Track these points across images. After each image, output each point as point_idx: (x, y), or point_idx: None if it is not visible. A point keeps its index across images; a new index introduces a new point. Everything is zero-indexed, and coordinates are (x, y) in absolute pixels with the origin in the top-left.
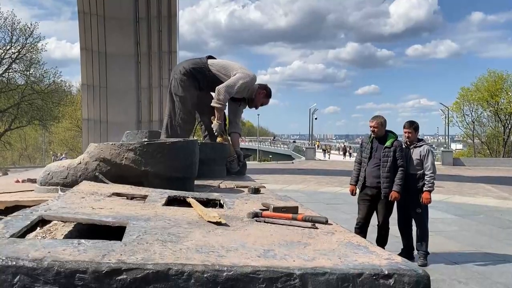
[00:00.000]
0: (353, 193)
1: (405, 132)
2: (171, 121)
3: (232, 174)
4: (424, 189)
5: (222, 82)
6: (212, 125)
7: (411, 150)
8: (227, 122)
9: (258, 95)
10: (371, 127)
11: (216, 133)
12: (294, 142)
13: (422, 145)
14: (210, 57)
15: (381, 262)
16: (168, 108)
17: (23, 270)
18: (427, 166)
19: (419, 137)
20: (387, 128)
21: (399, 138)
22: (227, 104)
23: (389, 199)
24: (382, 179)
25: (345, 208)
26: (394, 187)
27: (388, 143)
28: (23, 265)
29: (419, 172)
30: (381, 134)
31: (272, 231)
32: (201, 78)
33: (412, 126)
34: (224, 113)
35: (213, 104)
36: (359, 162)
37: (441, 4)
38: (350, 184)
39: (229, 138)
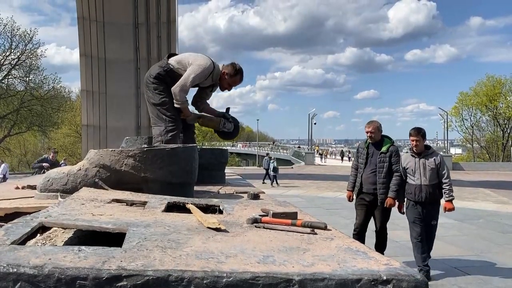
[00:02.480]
0: (350, 199)
1: (413, 141)
2: (159, 129)
3: (231, 136)
4: (446, 198)
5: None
6: (187, 120)
7: (422, 160)
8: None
9: (222, 78)
10: (367, 132)
11: (193, 122)
12: (299, 147)
13: (433, 152)
14: (172, 55)
15: (380, 268)
16: (152, 119)
17: (24, 277)
18: (444, 173)
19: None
20: (387, 132)
21: (395, 143)
22: (187, 100)
23: (385, 205)
24: (378, 185)
25: (345, 213)
26: (389, 193)
27: (384, 149)
28: (24, 272)
29: (435, 182)
30: (377, 138)
31: (272, 237)
32: (169, 78)
33: (420, 133)
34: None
35: (175, 105)
36: (356, 167)
37: (440, 9)
38: (347, 190)
39: (204, 114)
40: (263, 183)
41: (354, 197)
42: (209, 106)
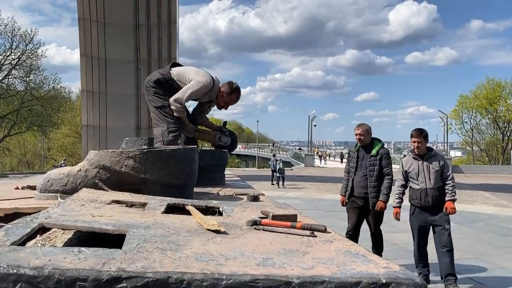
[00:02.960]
0: (343, 203)
1: (414, 142)
2: (162, 130)
3: (228, 150)
4: (448, 198)
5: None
6: (185, 132)
7: (426, 162)
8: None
9: (218, 97)
10: (356, 135)
11: (191, 135)
12: (300, 149)
13: (436, 154)
14: (175, 64)
15: (379, 271)
16: (155, 119)
17: (24, 278)
18: (449, 174)
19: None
20: (387, 135)
21: (385, 145)
22: (184, 110)
23: (375, 209)
24: (370, 188)
25: (344, 216)
26: (380, 196)
27: (373, 152)
28: (24, 273)
29: (440, 184)
30: (367, 141)
31: (271, 239)
32: (168, 86)
33: (422, 134)
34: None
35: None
36: (348, 171)
37: (441, 12)
38: (340, 195)
39: (203, 127)
40: (274, 184)
41: (347, 201)
42: (208, 120)
